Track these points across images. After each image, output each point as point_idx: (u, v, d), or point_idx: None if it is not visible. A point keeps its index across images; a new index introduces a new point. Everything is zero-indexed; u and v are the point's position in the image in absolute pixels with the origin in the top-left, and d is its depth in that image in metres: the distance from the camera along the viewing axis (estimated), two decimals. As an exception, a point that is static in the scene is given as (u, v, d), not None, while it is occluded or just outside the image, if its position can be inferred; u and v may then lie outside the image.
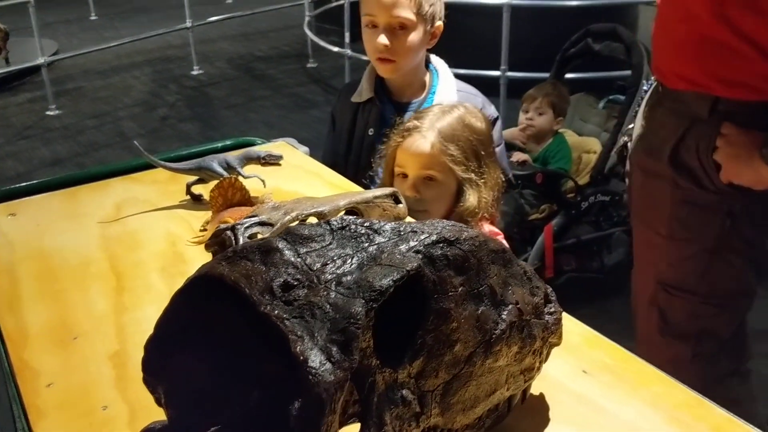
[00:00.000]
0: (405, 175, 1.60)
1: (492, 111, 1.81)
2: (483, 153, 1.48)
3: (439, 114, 1.54)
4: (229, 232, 0.88)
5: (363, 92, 1.88)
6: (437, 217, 1.59)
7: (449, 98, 1.79)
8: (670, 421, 0.82)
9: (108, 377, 0.91)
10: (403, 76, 1.83)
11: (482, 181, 1.46)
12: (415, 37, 1.76)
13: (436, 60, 1.89)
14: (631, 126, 2.87)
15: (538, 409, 0.83)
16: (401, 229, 0.66)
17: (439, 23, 1.81)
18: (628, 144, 1.81)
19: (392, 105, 1.86)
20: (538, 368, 0.79)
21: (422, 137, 1.47)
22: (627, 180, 1.81)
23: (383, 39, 1.72)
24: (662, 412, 0.83)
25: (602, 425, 0.81)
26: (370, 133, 1.84)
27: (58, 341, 0.99)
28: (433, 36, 1.81)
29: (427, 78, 1.86)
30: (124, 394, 0.88)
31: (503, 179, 1.59)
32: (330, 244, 0.63)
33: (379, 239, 0.64)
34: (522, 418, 0.81)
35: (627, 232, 3.09)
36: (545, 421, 0.82)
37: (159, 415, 0.66)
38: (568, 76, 3.31)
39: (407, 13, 1.72)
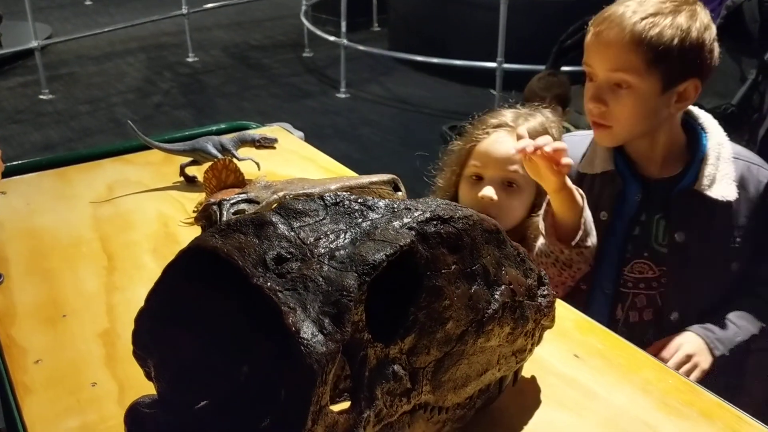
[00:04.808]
0: (479, 177, 1.43)
1: None
2: None
3: (523, 115, 1.45)
4: (215, 207, 0.87)
5: (596, 161, 1.41)
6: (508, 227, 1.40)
7: (724, 172, 1.35)
8: (660, 406, 0.82)
9: (97, 355, 0.91)
10: (650, 143, 1.36)
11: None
12: (638, 99, 1.30)
13: (703, 117, 1.40)
14: None
15: (530, 391, 0.83)
16: (395, 206, 0.65)
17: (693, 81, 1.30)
18: None
19: (637, 181, 1.38)
20: (530, 350, 0.79)
21: (509, 135, 1.32)
22: None
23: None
24: (653, 397, 0.83)
25: (593, 409, 0.81)
26: (603, 218, 1.38)
27: (46, 319, 0.98)
28: (681, 98, 1.32)
29: (685, 143, 1.39)
30: (114, 372, 0.87)
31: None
32: (323, 219, 0.62)
33: (372, 215, 0.64)
34: (513, 400, 0.81)
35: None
36: (536, 403, 0.82)
37: (148, 392, 0.66)
38: (565, 68, 3.30)
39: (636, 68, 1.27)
